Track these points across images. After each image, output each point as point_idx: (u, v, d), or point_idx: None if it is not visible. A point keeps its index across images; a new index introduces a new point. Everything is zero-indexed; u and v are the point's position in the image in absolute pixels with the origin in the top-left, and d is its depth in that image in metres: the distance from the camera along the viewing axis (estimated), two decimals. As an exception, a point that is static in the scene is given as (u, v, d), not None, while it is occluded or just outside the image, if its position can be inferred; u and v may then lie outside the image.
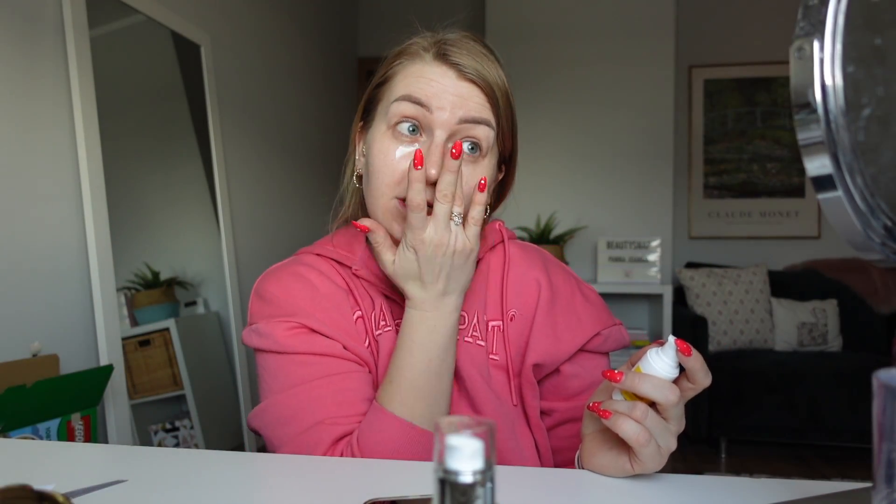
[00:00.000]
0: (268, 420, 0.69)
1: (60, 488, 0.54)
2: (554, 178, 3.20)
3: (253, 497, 0.54)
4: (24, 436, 1.26)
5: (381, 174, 0.69)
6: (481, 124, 0.69)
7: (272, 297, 0.73)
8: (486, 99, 0.69)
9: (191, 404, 1.94)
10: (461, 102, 0.68)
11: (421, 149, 0.65)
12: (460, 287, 0.68)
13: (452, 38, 0.71)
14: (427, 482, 0.56)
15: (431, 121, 0.68)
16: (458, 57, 0.69)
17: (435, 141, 0.67)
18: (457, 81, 0.68)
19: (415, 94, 0.68)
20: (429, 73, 0.69)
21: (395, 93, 0.69)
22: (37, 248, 1.47)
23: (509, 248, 0.78)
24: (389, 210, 0.69)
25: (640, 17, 3.10)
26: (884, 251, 0.39)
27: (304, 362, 0.69)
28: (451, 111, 0.67)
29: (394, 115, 0.69)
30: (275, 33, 2.83)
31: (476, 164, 0.70)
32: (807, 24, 0.37)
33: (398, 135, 0.69)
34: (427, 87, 0.68)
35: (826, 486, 0.55)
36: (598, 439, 0.61)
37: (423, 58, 0.70)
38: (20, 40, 1.44)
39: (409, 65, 0.70)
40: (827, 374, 2.76)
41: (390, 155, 0.69)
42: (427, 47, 0.71)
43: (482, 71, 0.69)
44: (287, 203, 2.88)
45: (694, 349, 0.55)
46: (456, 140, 0.68)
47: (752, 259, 3.55)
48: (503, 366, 0.74)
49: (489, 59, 0.71)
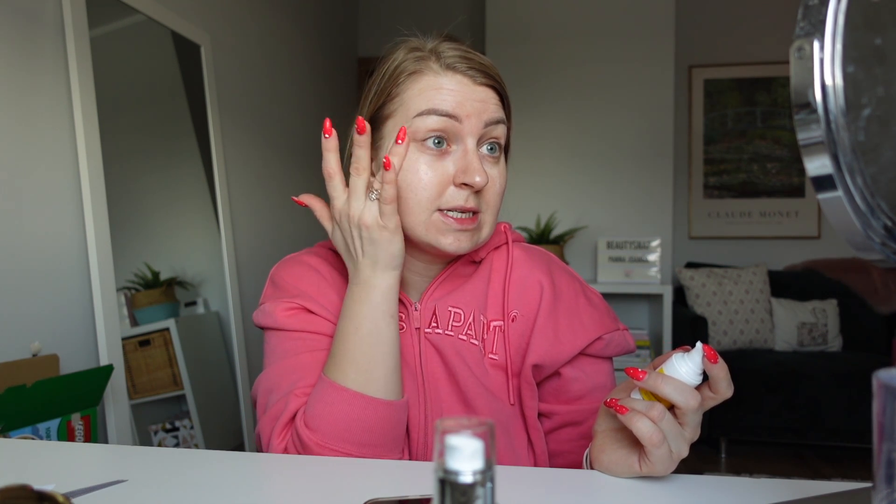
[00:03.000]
0: (261, 389, 0.74)
1: (60, 488, 0.54)
2: (554, 178, 3.20)
3: (253, 497, 0.54)
4: (23, 436, 1.26)
5: (420, 191, 0.69)
6: (500, 124, 0.72)
7: (280, 282, 0.79)
8: (499, 99, 0.72)
9: (191, 404, 1.94)
10: (483, 107, 0.70)
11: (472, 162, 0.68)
12: (384, 263, 0.68)
13: (446, 46, 0.72)
14: (427, 482, 0.56)
15: (460, 129, 0.69)
16: (466, 64, 0.71)
17: (469, 148, 0.69)
18: (474, 87, 0.70)
19: (440, 107, 0.68)
20: (447, 84, 0.69)
21: (415, 108, 0.69)
22: (37, 248, 1.47)
23: (513, 250, 0.79)
24: (434, 224, 0.70)
25: (640, 17, 3.10)
26: (884, 251, 0.39)
27: (297, 338, 0.74)
28: (476, 117, 0.69)
29: (419, 130, 0.69)
30: (275, 33, 2.83)
31: (499, 163, 0.73)
32: (807, 24, 0.37)
33: (425, 149, 0.69)
34: (450, 97, 0.69)
35: (826, 486, 0.55)
36: (609, 437, 0.61)
37: (433, 69, 0.70)
38: (20, 40, 1.44)
39: (419, 79, 0.70)
40: (827, 374, 2.76)
41: (423, 170, 0.69)
42: (425, 56, 0.71)
43: (490, 73, 0.72)
44: (287, 203, 2.88)
45: (721, 358, 0.55)
46: (480, 144, 0.71)
47: (752, 259, 3.55)
48: (502, 365, 0.74)
49: (486, 60, 0.73)
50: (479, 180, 0.67)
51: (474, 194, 0.69)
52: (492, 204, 0.72)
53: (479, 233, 0.72)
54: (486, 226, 0.72)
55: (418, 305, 0.76)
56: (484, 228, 0.72)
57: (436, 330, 0.75)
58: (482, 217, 0.71)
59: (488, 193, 0.71)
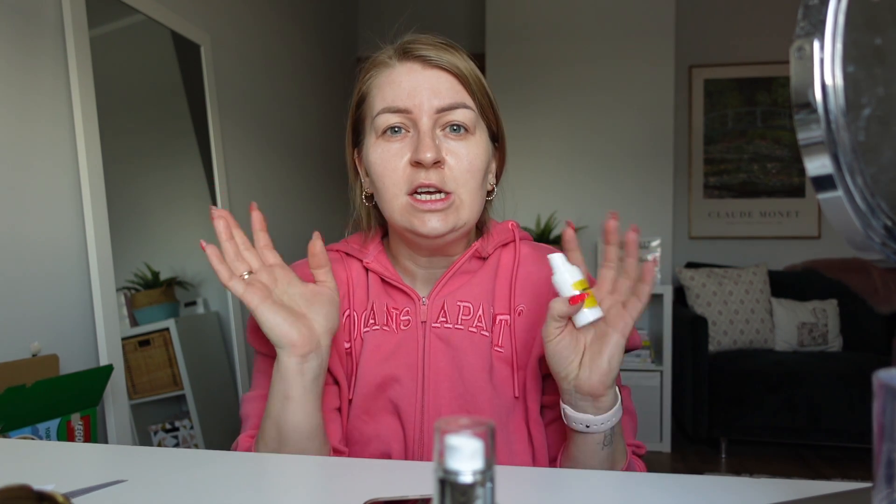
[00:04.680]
0: (241, 415, 0.80)
1: (60, 488, 0.54)
2: (554, 178, 3.20)
3: (253, 497, 0.54)
4: (23, 436, 1.26)
5: (386, 178, 0.71)
6: (458, 108, 0.71)
7: None
8: (455, 80, 0.72)
9: (191, 404, 1.94)
10: (434, 91, 0.71)
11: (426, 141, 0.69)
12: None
13: (410, 37, 0.74)
14: (427, 482, 0.56)
15: (414, 117, 0.71)
16: (420, 50, 0.72)
17: (423, 130, 0.70)
18: (424, 71, 0.71)
19: (392, 104, 0.71)
20: (398, 77, 0.72)
21: (375, 107, 0.73)
22: (37, 248, 1.47)
23: (520, 247, 0.80)
24: (406, 208, 0.71)
25: (640, 16, 3.10)
26: (884, 251, 0.39)
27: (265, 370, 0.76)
28: (427, 101, 0.70)
29: (380, 127, 0.72)
30: (275, 33, 2.83)
31: (466, 140, 0.72)
32: (807, 24, 0.37)
33: (388, 138, 0.72)
34: (399, 90, 0.71)
35: (826, 486, 0.55)
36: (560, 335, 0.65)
37: (389, 64, 0.73)
38: (20, 40, 1.44)
39: (377, 76, 0.74)
40: (827, 374, 2.76)
41: (388, 156, 0.71)
42: (391, 54, 0.74)
43: (445, 56, 0.72)
44: (287, 202, 2.88)
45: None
46: (441, 125, 0.71)
47: (752, 259, 3.55)
48: (508, 358, 0.75)
49: (449, 47, 0.74)
50: (428, 156, 0.68)
51: (437, 172, 0.69)
52: (461, 181, 0.71)
53: (456, 213, 0.71)
54: (464, 206, 0.72)
55: (426, 300, 0.76)
56: (462, 209, 0.72)
57: (444, 325, 0.75)
58: (455, 197, 0.71)
59: (455, 170, 0.71)
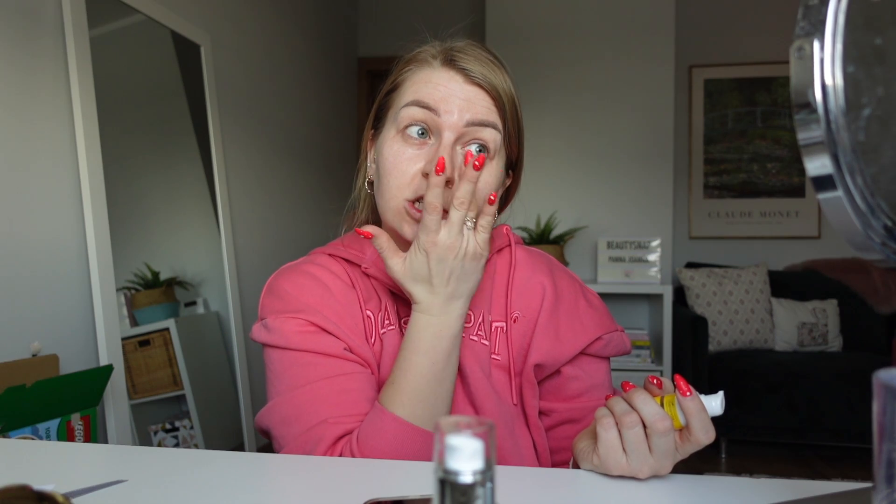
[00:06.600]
0: (274, 420, 0.70)
1: (60, 488, 0.54)
2: (554, 178, 3.20)
3: (253, 497, 0.54)
4: (23, 436, 1.26)
5: (392, 176, 0.70)
6: (488, 127, 0.70)
7: (283, 293, 0.74)
8: (492, 103, 0.71)
9: (191, 404, 1.94)
10: (468, 106, 0.69)
11: (443, 155, 0.66)
12: (467, 292, 0.68)
13: (460, 45, 0.73)
14: (427, 482, 0.56)
15: (440, 124, 0.69)
16: (466, 62, 0.70)
17: (443, 143, 0.69)
18: (464, 85, 0.70)
19: (423, 99, 0.70)
20: (436, 78, 0.70)
21: (405, 98, 0.71)
22: (37, 248, 1.47)
23: (516, 252, 0.79)
24: (399, 211, 0.70)
25: (640, 16, 3.10)
26: (884, 251, 0.39)
27: (309, 362, 0.69)
28: (458, 114, 0.69)
29: (403, 119, 0.70)
30: (275, 33, 2.83)
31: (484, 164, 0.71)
32: (807, 24, 0.37)
33: (407, 138, 0.70)
34: (435, 91, 0.70)
35: (826, 486, 0.55)
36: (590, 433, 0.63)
37: (432, 64, 0.72)
38: (20, 40, 1.44)
39: (417, 71, 0.72)
40: (827, 374, 2.76)
41: (400, 158, 0.70)
42: (435, 54, 0.73)
43: (489, 76, 0.71)
44: (287, 202, 2.88)
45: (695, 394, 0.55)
46: (464, 142, 0.70)
47: (752, 259, 3.55)
48: (505, 365, 0.75)
49: (496, 66, 0.72)
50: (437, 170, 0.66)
51: (444, 189, 0.66)
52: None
53: None
54: None
55: None
56: None
57: None
58: None
59: None
